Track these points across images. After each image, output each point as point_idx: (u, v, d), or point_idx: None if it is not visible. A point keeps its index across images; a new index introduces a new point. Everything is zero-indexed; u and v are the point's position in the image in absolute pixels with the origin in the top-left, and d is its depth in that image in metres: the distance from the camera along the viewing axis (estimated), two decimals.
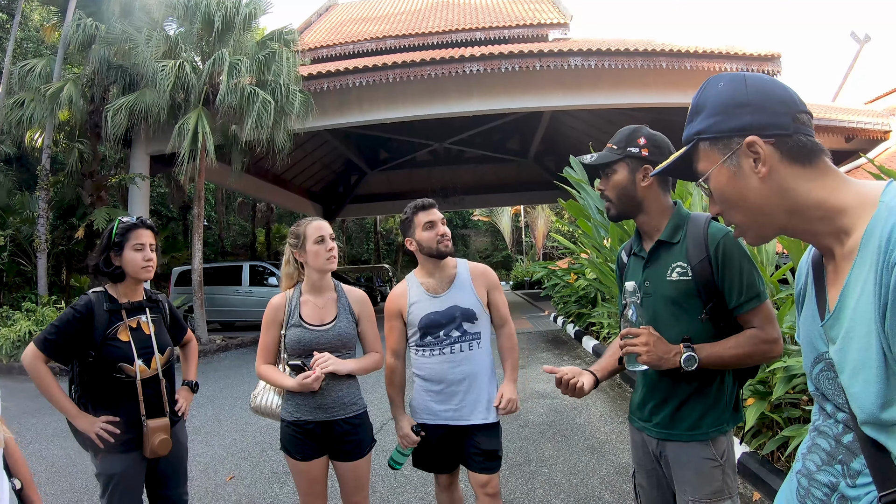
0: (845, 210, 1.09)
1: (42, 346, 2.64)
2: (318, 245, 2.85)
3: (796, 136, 1.15)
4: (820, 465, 1.18)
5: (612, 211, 2.25)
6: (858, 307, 1.02)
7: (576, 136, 23.10)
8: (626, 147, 2.15)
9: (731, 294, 2.00)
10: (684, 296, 2.05)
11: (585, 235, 9.45)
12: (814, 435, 1.24)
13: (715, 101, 1.23)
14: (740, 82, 1.20)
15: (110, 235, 2.79)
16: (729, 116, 1.19)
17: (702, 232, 2.06)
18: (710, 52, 13.26)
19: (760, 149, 1.15)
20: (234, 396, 8.43)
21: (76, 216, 14.80)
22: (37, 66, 13.84)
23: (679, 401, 2.09)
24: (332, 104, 15.09)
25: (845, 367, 1.06)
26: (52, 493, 4.75)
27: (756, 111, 1.17)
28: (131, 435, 2.70)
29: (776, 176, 1.15)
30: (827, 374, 1.15)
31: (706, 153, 1.25)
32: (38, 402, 6.92)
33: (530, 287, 32.45)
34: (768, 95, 1.18)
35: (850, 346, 1.04)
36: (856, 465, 1.09)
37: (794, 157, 1.14)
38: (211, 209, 29.92)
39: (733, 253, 2.01)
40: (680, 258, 2.08)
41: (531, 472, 4.79)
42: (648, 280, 2.16)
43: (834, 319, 1.10)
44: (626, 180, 2.15)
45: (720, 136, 1.21)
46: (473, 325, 2.91)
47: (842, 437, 1.14)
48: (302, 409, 2.81)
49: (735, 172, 1.19)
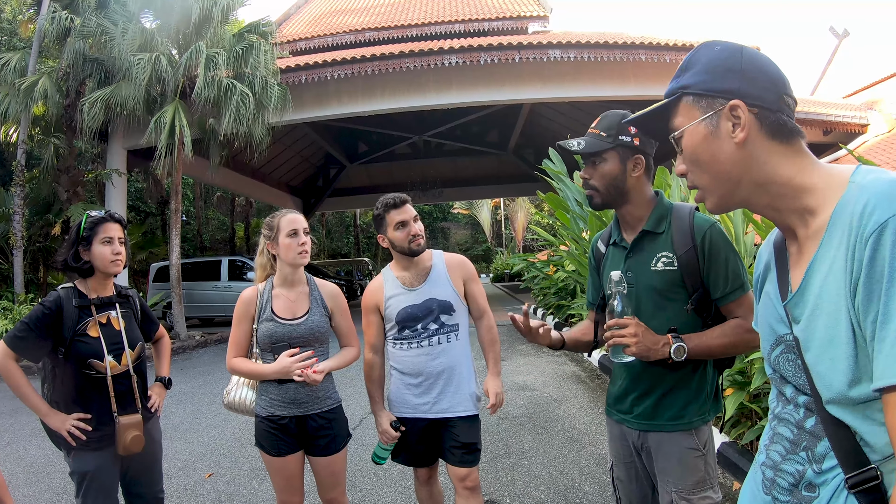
0: (812, 190, 1.11)
1: (12, 345, 2.61)
2: (290, 238, 2.81)
3: (778, 114, 1.15)
4: (784, 455, 1.18)
5: (595, 199, 2.19)
6: (826, 284, 1.03)
7: (555, 128, 23.10)
8: (616, 135, 2.09)
9: (716, 284, 2.00)
10: (670, 286, 2.04)
11: (564, 227, 9.50)
12: (774, 424, 1.24)
13: (707, 61, 1.22)
14: (736, 51, 1.20)
15: (79, 230, 2.75)
16: (718, 77, 1.19)
17: (687, 222, 2.06)
18: (690, 45, 13.21)
19: (742, 114, 1.14)
20: (213, 393, 8.36)
21: (52, 212, 14.56)
22: (11, 59, 13.59)
23: (662, 391, 2.09)
24: (311, 97, 15.00)
25: (811, 345, 1.07)
26: (29, 494, 4.69)
27: (746, 80, 1.16)
28: (103, 432, 2.67)
29: (751, 146, 1.15)
30: (787, 356, 1.16)
31: (687, 108, 1.23)
32: (15, 403, 6.83)
33: (510, 280, 32.59)
34: (761, 69, 1.18)
35: (817, 323, 1.05)
36: (820, 448, 1.09)
37: (772, 133, 1.15)
38: (189, 204, 29.70)
39: (720, 244, 2.01)
40: (665, 248, 2.07)
41: (511, 465, 4.79)
42: (631, 270, 2.14)
43: (798, 297, 1.11)
44: (617, 170, 2.10)
45: (705, 93, 1.20)
46: (451, 317, 2.90)
47: (804, 423, 1.14)
48: (275, 404, 2.79)
49: (712, 133, 1.18)
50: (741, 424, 4.48)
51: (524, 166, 26.78)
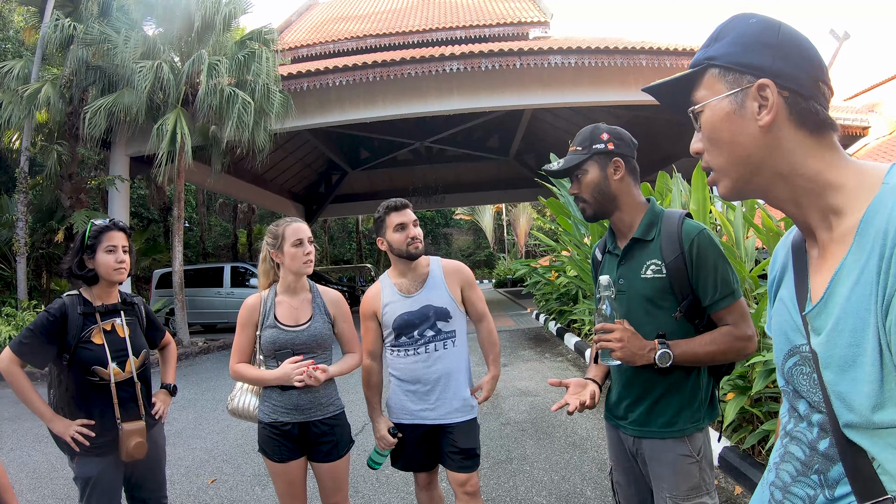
0: (840, 188, 1.02)
1: (17, 350, 2.65)
2: (295, 248, 2.83)
3: (811, 102, 1.05)
4: (795, 477, 1.10)
5: (587, 211, 2.22)
6: (853, 297, 0.94)
7: (557, 134, 23.15)
8: (590, 145, 2.13)
9: (705, 292, 2.01)
10: (659, 293, 2.05)
11: (566, 233, 9.50)
12: (786, 441, 1.15)
13: (740, 32, 1.11)
14: (774, 25, 1.08)
15: (83, 238, 2.78)
16: (749, 51, 1.08)
17: (676, 229, 2.06)
18: (691, 49, 13.23)
19: (771, 95, 1.04)
20: (215, 399, 8.39)
21: (55, 219, 14.59)
22: (14, 67, 13.64)
23: (654, 398, 2.09)
24: (313, 104, 15.01)
25: (831, 362, 0.97)
26: (33, 500, 4.71)
27: (780, 57, 1.05)
28: (107, 438, 2.69)
29: (777, 131, 1.05)
30: (802, 369, 1.08)
31: (711, 81, 1.13)
32: (19, 409, 6.86)
33: (513, 285, 32.51)
34: (799, 48, 1.06)
35: (839, 340, 0.96)
36: (834, 473, 1.01)
37: (802, 121, 1.05)
38: (192, 210, 29.75)
39: (708, 250, 2.01)
40: (654, 256, 2.08)
41: (513, 470, 4.80)
42: (623, 278, 2.16)
43: (821, 308, 1.02)
44: (599, 177, 2.13)
45: (733, 67, 1.09)
46: (448, 323, 2.91)
47: (817, 444, 1.05)
48: (278, 410, 2.81)
49: (735, 111, 1.08)
50: (742, 429, 4.48)
51: (526, 171, 26.84)
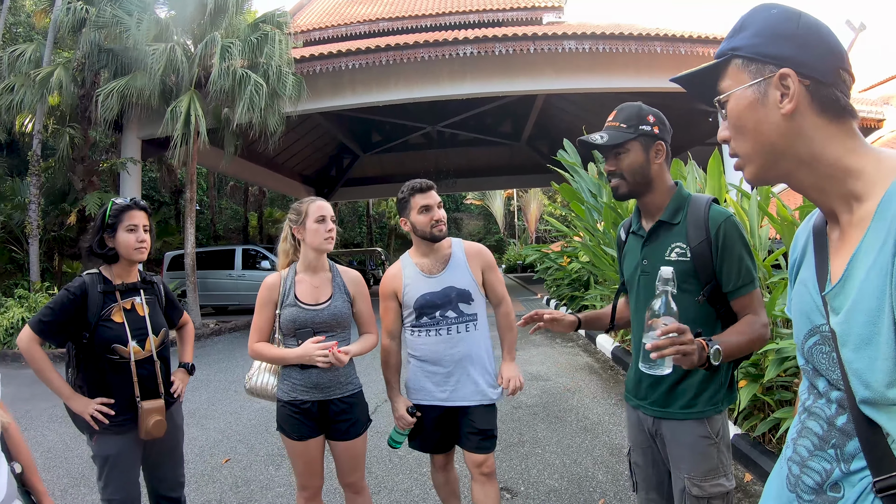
0: (860, 174, 1.04)
1: (37, 328, 2.65)
2: (318, 224, 2.83)
3: (832, 89, 1.08)
4: (812, 451, 1.12)
5: (621, 189, 2.19)
6: (869, 277, 0.96)
7: (569, 119, 23.00)
8: (637, 125, 2.12)
9: (728, 278, 2.02)
10: (682, 276, 2.03)
11: (579, 218, 9.47)
12: (804, 417, 1.18)
13: (762, 23, 1.14)
14: (794, 15, 1.11)
15: (104, 217, 2.78)
16: (771, 42, 1.12)
17: (703, 214, 2.07)
18: (706, 37, 13.16)
19: (792, 84, 1.07)
20: (228, 380, 8.46)
21: (68, 202, 14.66)
22: (26, 50, 13.68)
23: (674, 380, 2.10)
24: (325, 87, 14.98)
25: (848, 340, 1.00)
26: (48, 479, 4.73)
27: (801, 47, 1.09)
28: (126, 416, 2.71)
29: (799, 119, 1.08)
30: (821, 348, 1.10)
31: (735, 72, 1.16)
32: (34, 389, 6.91)
33: (523, 270, 32.52)
34: (819, 38, 1.10)
35: (856, 319, 0.98)
36: (850, 448, 1.04)
37: (823, 108, 1.08)
38: (203, 193, 29.77)
39: (734, 238, 2.03)
40: (679, 239, 2.09)
41: (525, 453, 4.83)
42: (647, 259, 2.18)
43: (839, 288, 1.04)
44: (642, 159, 2.13)
45: (755, 57, 1.13)
46: (469, 305, 2.91)
47: (835, 419, 1.08)
48: (298, 388, 2.82)
49: (758, 100, 1.12)
50: (754, 416, 4.49)
51: (537, 157, 26.73)
